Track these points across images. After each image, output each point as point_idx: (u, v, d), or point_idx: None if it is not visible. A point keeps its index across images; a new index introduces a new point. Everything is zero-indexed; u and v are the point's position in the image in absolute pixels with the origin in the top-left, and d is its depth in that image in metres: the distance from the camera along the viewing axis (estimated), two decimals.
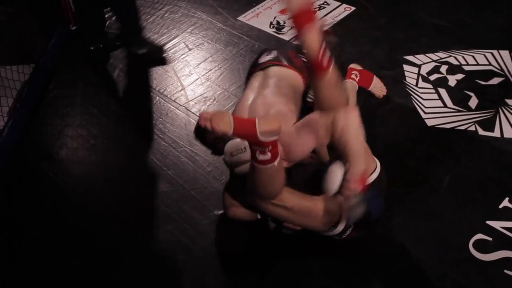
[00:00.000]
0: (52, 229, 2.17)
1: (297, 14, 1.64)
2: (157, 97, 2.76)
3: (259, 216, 1.91)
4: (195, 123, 2.55)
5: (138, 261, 2.01)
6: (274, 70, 2.07)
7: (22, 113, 2.70)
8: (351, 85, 2.39)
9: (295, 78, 2.07)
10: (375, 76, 2.51)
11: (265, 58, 2.14)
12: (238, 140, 1.74)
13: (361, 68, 2.48)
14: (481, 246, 1.89)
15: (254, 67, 2.17)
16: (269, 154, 1.57)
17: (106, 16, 3.20)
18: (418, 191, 2.11)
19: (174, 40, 3.16)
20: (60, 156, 2.51)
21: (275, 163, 1.60)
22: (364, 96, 2.45)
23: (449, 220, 1.99)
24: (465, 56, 2.73)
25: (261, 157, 1.57)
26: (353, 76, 2.42)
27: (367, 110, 2.37)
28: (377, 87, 2.50)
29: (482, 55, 2.73)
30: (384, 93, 2.50)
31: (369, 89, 2.48)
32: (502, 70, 2.63)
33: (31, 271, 2.03)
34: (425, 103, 2.48)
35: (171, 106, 2.70)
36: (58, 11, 3.17)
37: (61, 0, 3.13)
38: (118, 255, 2.03)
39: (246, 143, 1.66)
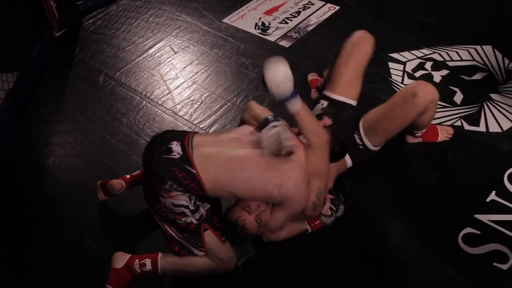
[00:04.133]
0: (40, 238, 2.15)
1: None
2: (144, 101, 2.75)
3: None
4: (183, 126, 2.55)
5: None
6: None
7: (8, 121, 2.67)
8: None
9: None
10: (439, 128, 2.31)
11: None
12: None
13: None
14: (470, 239, 1.90)
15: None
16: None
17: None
18: (407, 187, 2.13)
19: (160, 44, 3.15)
20: (47, 163, 2.49)
21: None
22: None
23: (437, 215, 2.01)
24: (449, 52, 2.76)
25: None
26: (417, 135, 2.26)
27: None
28: (443, 135, 2.30)
29: (466, 51, 2.75)
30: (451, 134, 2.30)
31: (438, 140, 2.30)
32: (485, 65, 2.65)
33: (19, 281, 2.01)
34: None
35: (158, 110, 2.69)
36: (41, 18, 3.15)
37: (44, 7, 3.11)
38: (109, 261, 2.01)
39: None
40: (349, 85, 2.14)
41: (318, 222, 1.97)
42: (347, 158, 2.12)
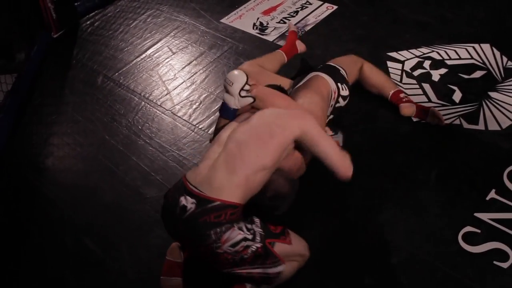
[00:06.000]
0: (39, 239, 2.15)
1: None
2: (143, 102, 2.75)
3: None
4: (181, 127, 2.55)
5: (129, 267, 1.99)
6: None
7: (6, 123, 2.66)
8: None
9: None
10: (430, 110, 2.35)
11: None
12: None
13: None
14: (470, 238, 1.90)
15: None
16: None
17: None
18: (406, 185, 2.13)
19: (158, 44, 3.15)
20: (46, 165, 2.49)
21: None
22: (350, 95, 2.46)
23: (437, 213, 2.01)
24: (447, 50, 2.76)
25: None
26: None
27: (354, 108, 2.40)
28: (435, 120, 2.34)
29: (464, 49, 2.75)
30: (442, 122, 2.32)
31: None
32: (484, 63, 2.66)
33: (18, 281, 2.01)
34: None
35: (157, 111, 2.68)
36: (39, 19, 3.15)
37: (42, 8, 3.11)
38: (108, 262, 2.02)
39: None
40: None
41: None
42: (329, 79, 2.22)
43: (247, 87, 1.88)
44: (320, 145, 1.78)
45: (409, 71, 2.67)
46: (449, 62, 2.69)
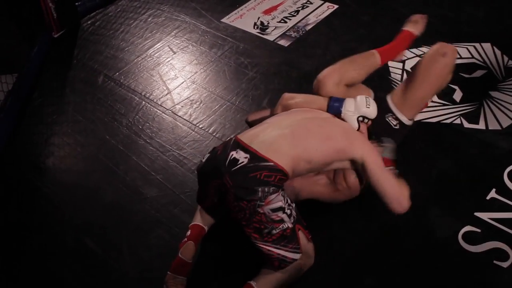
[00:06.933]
0: (40, 239, 2.15)
1: None
2: (143, 102, 2.75)
3: None
4: (182, 126, 2.55)
5: (129, 267, 2.00)
6: None
7: (7, 123, 2.67)
8: None
9: None
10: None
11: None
12: None
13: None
14: (470, 238, 1.90)
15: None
16: None
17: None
18: (407, 185, 2.13)
19: (158, 44, 3.15)
20: (47, 165, 2.49)
21: None
22: None
23: (437, 213, 2.01)
24: None
25: None
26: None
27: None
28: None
29: (465, 48, 2.75)
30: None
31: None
32: (484, 62, 2.65)
33: (18, 281, 2.01)
34: None
35: (158, 111, 2.69)
36: (40, 19, 3.15)
37: (42, 8, 3.11)
38: (109, 262, 2.02)
39: None
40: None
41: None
42: None
43: (366, 120, 1.90)
44: (377, 179, 1.79)
45: (410, 70, 2.66)
46: None
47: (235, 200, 1.67)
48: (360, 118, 1.88)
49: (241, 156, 1.66)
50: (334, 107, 1.89)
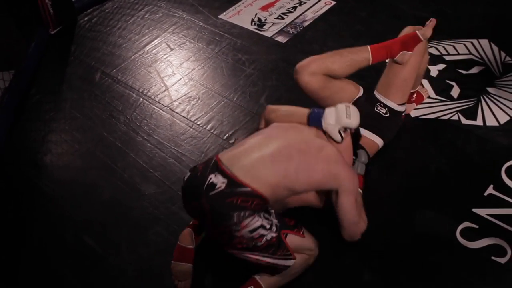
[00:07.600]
0: (38, 236, 2.15)
1: None
2: (141, 99, 2.74)
3: None
4: (180, 123, 2.55)
5: (128, 264, 2.00)
6: None
7: (4, 120, 2.66)
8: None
9: None
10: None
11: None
12: None
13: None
14: (468, 234, 1.91)
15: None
16: None
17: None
18: (404, 181, 2.13)
19: (156, 41, 3.14)
20: (45, 162, 2.49)
21: None
22: None
23: (435, 209, 2.01)
24: (445, 46, 2.76)
25: None
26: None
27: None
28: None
29: (463, 45, 2.75)
30: None
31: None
32: (482, 58, 2.65)
33: (17, 279, 2.01)
34: None
35: (155, 107, 2.68)
36: (36, 15, 3.14)
37: (39, 4, 3.09)
38: (108, 259, 2.02)
39: None
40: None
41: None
42: (375, 138, 2.12)
43: (347, 131, 1.83)
44: (344, 213, 1.78)
45: None
46: (447, 58, 2.69)
47: (212, 224, 1.68)
48: (342, 129, 1.80)
49: (219, 181, 1.64)
50: (315, 120, 1.80)
